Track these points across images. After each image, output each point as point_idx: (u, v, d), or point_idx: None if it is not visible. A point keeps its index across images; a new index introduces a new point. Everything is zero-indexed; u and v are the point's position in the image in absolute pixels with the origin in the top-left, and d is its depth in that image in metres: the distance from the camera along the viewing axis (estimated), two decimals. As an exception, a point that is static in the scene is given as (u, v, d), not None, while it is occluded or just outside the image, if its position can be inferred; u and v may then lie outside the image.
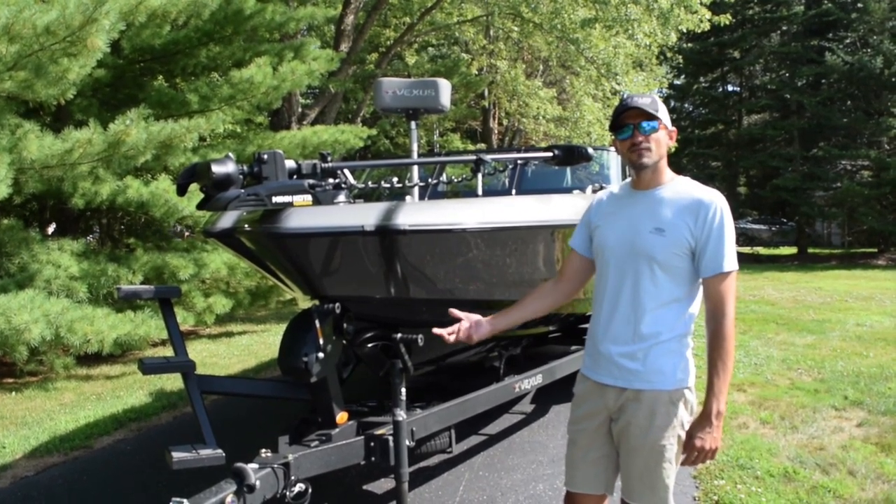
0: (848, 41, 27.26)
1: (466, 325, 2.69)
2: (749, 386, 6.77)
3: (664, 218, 2.42)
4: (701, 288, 2.48)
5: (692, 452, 2.38)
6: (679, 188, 2.47)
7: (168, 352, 8.75)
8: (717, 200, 2.39)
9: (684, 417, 2.45)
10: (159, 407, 6.56)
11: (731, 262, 2.37)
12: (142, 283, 7.99)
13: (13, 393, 7.34)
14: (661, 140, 2.46)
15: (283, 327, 3.43)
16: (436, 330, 2.70)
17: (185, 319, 8.66)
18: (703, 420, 2.37)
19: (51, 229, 10.22)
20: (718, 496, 4.13)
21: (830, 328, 10.04)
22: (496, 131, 26.22)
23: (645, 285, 2.43)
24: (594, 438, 2.59)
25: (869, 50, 25.28)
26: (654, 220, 2.43)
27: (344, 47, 14.04)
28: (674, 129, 2.55)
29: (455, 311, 2.71)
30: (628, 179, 2.64)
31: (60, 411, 6.53)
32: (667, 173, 2.51)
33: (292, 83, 9.19)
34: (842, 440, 5.12)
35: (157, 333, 7.37)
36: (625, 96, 2.52)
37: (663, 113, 2.47)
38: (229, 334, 10.91)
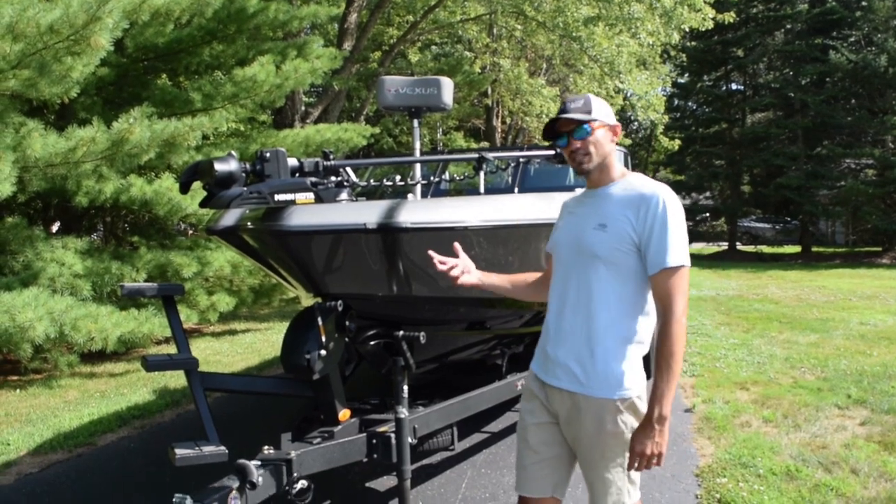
0: (852, 39, 27.26)
1: (461, 266, 2.69)
2: (752, 384, 6.77)
3: (607, 214, 2.37)
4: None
5: (634, 458, 2.29)
6: (626, 184, 2.43)
7: (171, 349, 8.77)
8: (660, 193, 2.32)
9: (634, 426, 2.35)
10: (163, 404, 6.57)
11: (676, 257, 2.27)
12: (145, 280, 8.01)
13: (17, 390, 7.36)
14: (600, 141, 2.43)
15: (286, 325, 3.44)
16: (433, 253, 2.70)
17: (188, 317, 8.68)
18: (646, 425, 2.27)
19: (55, 227, 10.24)
20: (721, 494, 4.14)
21: (834, 327, 10.03)
22: (499, 130, 26.22)
23: (591, 285, 2.38)
24: (543, 438, 2.53)
25: (873, 48, 25.24)
26: (598, 218, 2.39)
27: (347, 45, 14.04)
28: (617, 124, 2.49)
29: (457, 246, 2.74)
30: None
31: (64, 409, 6.55)
32: (616, 170, 2.47)
33: (295, 81, 9.19)
34: (845, 439, 5.12)
35: (161, 331, 7.38)
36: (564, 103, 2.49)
37: (599, 111, 2.44)
38: (232, 332, 10.93)
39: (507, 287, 2.80)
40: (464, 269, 2.70)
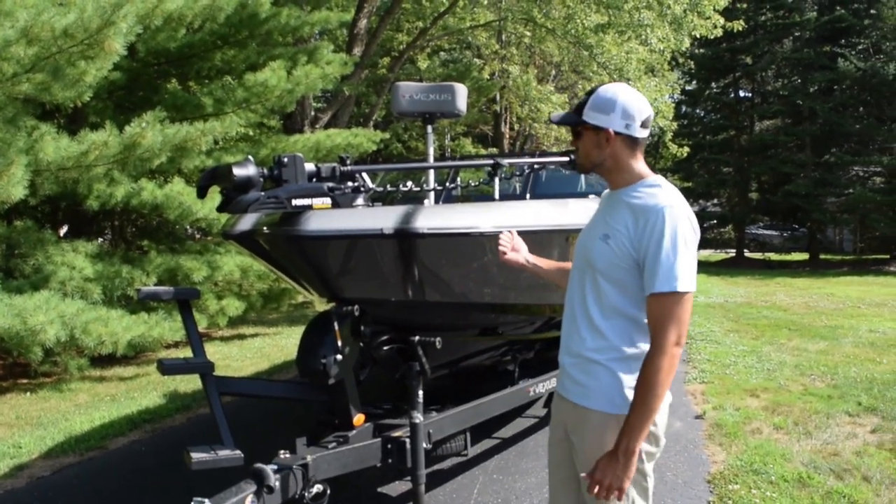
0: (861, 47, 27.23)
1: (511, 244, 2.75)
2: (762, 391, 6.75)
3: (612, 224, 2.19)
4: None
5: (593, 485, 2.11)
6: (637, 191, 2.21)
7: (180, 353, 8.79)
8: (667, 207, 2.10)
9: (643, 447, 2.16)
10: (173, 408, 6.59)
11: (669, 282, 2.05)
12: (155, 284, 8.02)
13: (28, 393, 7.39)
14: (586, 145, 2.26)
15: (294, 330, 3.46)
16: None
17: (197, 321, 8.64)
18: (611, 454, 2.10)
19: (62, 231, 10.27)
20: (733, 501, 4.13)
21: (843, 334, 10.00)
22: (507, 136, 26.23)
23: (593, 296, 2.23)
24: (561, 456, 2.39)
25: (882, 56, 25.22)
26: (604, 227, 2.22)
27: (357, 51, 14.08)
28: (605, 128, 2.21)
29: (513, 232, 2.79)
30: None
31: (75, 412, 6.57)
32: (634, 174, 2.25)
33: (306, 87, 9.23)
34: (856, 446, 5.11)
35: (171, 335, 7.40)
36: None
37: (591, 112, 2.23)
38: (241, 337, 10.94)
39: (553, 272, 2.75)
40: (513, 248, 2.73)
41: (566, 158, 4.07)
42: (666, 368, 2.05)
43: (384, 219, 3.03)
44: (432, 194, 4.57)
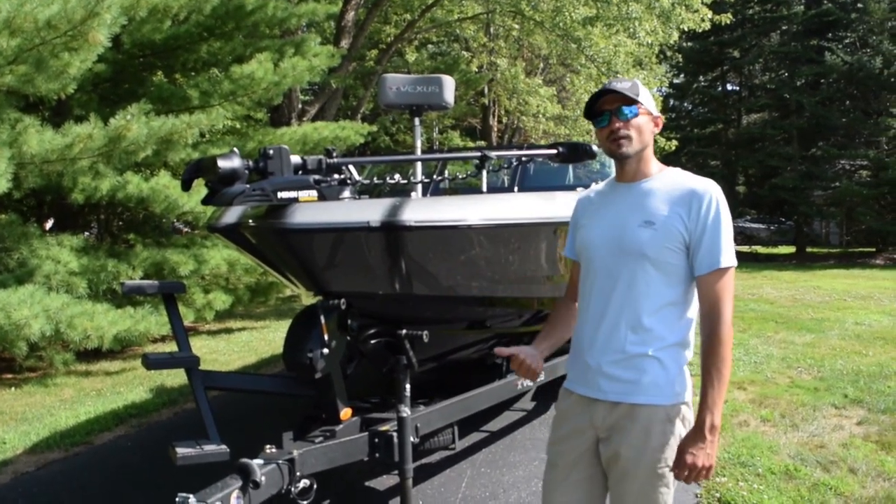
0: (847, 41, 27.33)
1: (532, 362, 2.37)
2: (749, 384, 6.78)
3: (653, 210, 2.20)
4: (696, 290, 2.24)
5: (683, 470, 2.12)
6: (669, 178, 2.27)
7: (167, 348, 8.74)
8: (711, 190, 2.19)
9: (681, 435, 2.20)
10: (160, 403, 6.55)
11: (728, 258, 2.15)
12: (141, 278, 7.97)
13: (12, 388, 7.33)
14: (643, 127, 2.24)
15: (282, 324, 3.44)
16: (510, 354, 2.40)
17: (184, 315, 8.59)
18: (696, 434, 2.12)
19: (48, 224, 10.19)
20: (721, 493, 4.14)
21: (829, 327, 10.05)
22: (495, 129, 26.19)
23: (636, 287, 2.20)
24: (579, 458, 2.34)
25: (868, 50, 25.35)
26: (643, 214, 2.20)
27: (344, 44, 14.01)
28: (659, 115, 2.33)
29: (503, 350, 2.41)
30: (613, 175, 2.43)
31: (60, 407, 6.52)
32: (654, 164, 2.31)
33: (293, 79, 9.17)
34: (842, 438, 5.13)
35: (157, 329, 7.36)
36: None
37: (645, 97, 2.25)
38: (229, 331, 10.90)
39: (559, 334, 2.54)
40: (537, 363, 2.40)
41: (554, 151, 4.04)
42: (729, 339, 2.15)
43: (371, 211, 3.00)
44: (419, 187, 4.54)
